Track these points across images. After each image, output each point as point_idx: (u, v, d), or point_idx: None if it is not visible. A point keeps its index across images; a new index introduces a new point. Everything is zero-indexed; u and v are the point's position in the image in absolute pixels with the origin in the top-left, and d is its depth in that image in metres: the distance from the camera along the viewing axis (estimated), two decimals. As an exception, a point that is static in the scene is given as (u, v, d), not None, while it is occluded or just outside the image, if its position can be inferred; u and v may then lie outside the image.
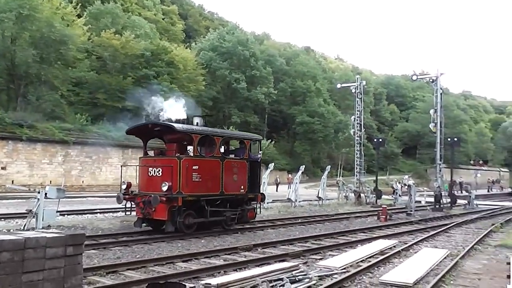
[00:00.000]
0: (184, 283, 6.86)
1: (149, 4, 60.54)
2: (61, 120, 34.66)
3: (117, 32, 41.20)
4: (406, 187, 28.90)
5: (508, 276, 8.31)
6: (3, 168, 29.07)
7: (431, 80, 26.92)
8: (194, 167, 12.40)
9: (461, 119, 78.59)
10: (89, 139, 33.52)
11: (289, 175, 40.74)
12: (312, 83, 60.40)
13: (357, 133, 29.28)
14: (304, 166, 26.99)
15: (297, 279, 7.61)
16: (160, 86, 35.41)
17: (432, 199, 25.51)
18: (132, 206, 12.93)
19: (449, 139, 29.12)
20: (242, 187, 14.00)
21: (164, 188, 11.88)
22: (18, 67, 33.12)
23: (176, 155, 12.50)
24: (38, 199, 12.25)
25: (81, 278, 5.45)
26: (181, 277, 7.74)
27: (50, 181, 29.75)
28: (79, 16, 39.58)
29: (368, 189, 28.82)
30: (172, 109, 13.73)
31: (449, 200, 26.31)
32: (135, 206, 12.68)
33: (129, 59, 40.96)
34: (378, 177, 31.32)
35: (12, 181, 29.30)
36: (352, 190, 28.38)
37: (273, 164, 24.98)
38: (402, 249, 11.23)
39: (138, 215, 12.69)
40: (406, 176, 45.65)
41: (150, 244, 11.10)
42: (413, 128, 76.88)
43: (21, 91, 34.01)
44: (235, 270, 8.57)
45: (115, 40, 39.72)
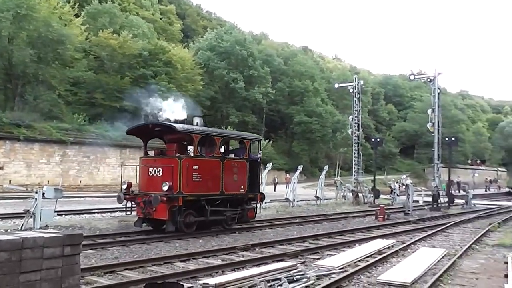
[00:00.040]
0: (182, 283, 6.86)
1: (147, 4, 60.38)
2: (59, 120, 34.59)
3: (115, 32, 41.10)
4: (404, 187, 28.93)
5: (506, 276, 8.35)
6: (1, 168, 29.00)
7: (429, 80, 27.00)
8: (195, 167, 12.44)
9: (459, 119, 78.68)
10: (87, 139, 33.47)
11: (287, 175, 40.74)
12: (310, 83, 60.34)
13: (355, 133, 29.31)
14: (302, 166, 26.98)
15: (295, 279, 7.61)
16: (158, 86, 35.40)
17: (430, 199, 25.54)
18: (133, 206, 12.94)
19: (447, 139, 29.17)
20: (242, 187, 14.04)
21: (165, 188, 11.91)
22: (16, 67, 33.02)
23: (177, 155, 12.54)
24: (36, 199, 12.24)
25: (79, 278, 5.45)
26: (179, 277, 7.74)
27: (48, 181, 29.74)
28: (77, 16, 39.46)
29: (366, 189, 28.86)
30: (172, 109, 13.75)
31: (447, 200, 26.34)
32: (136, 206, 12.70)
33: (127, 59, 40.85)
34: (376, 177, 31.31)
35: (10, 181, 29.24)
36: (350, 190, 28.42)
37: (271, 164, 24.96)
38: (400, 249, 11.26)
39: (139, 215, 12.72)
40: (404, 176, 45.50)
41: (148, 244, 11.10)
42: (411, 128, 76.93)
43: (19, 91, 33.91)
44: (233, 270, 8.57)
45: (113, 40, 39.63)
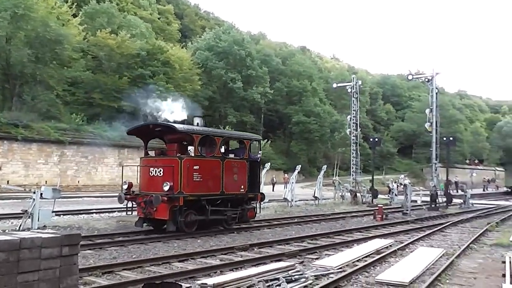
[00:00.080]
0: (180, 283, 6.86)
1: (145, 4, 60.34)
2: (57, 120, 34.54)
3: (113, 32, 41.05)
4: (402, 187, 28.93)
5: (504, 275, 8.37)
6: (-1, 168, 28.98)
7: (427, 80, 26.99)
8: (195, 167, 12.46)
9: (457, 119, 78.83)
10: (85, 139, 33.43)
11: (285, 175, 40.74)
12: (308, 83, 60.38)
13: (353, 133, 29.33)
14: (300, 166, 27.03)
15: (294, 279, 7.61)
16: (156, 86, 35.35)
17: (428, 199, 25.55)
18: (133, 206, 12.95)
19: (445, 139, 29.15)
20: (242, 187, 14.06)
21: (166, 188, 11.92)
22: (13, 67, 32.96)
23: (177, 155, 12.57)
24: (34, 199, 12.19)
25: (77, 279, 5.44)
26: (177, 277, 7.73)
27: (46, 181, 29.65)
28: (75, 16, 39.42)
29: (364, 189, 28.89)
30: (172, 110, 13.76)
31: (445, 200, 26.36)
32: (137, 206, 12.71)
33: (125, 59, 40.83)
34: (374, 177, 31.34)
35: (8, 181, 29.16)
36: (348, 190, 28.42)
37: (269, 164, 24.96)
38: (398, 249, 11.26)
39: (140, 215, 12.75)
40: (402, 176, 45.65)
41: (146, 244, 11.09)
42: (409, 128, 77.04)
43: (16, 91, 33.85)
44: (232, 270, 8.56)
45: (111, 40, 39.59)
